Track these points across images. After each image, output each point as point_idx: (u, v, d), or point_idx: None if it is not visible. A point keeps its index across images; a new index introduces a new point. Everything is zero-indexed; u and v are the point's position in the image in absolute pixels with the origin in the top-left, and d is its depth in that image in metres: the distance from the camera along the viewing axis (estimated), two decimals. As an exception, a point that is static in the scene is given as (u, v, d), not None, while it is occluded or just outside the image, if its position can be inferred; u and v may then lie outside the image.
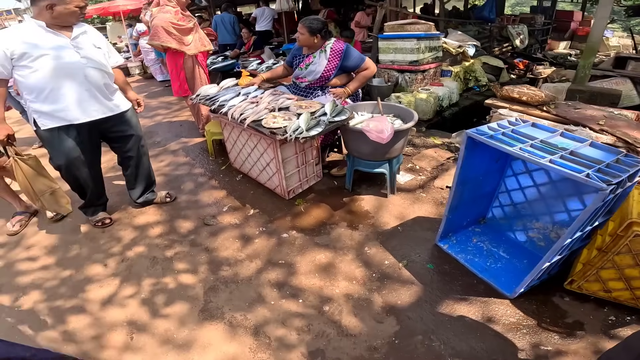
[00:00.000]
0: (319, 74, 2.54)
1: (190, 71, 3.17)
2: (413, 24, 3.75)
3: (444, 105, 3.88)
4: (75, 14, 1.85)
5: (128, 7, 8.29)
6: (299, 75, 2.65)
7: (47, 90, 1.85)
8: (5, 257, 2.18)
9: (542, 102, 2.74)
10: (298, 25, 2.53)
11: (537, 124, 1.62)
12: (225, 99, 2.49)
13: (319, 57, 2.55)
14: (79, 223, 2.43)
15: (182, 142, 3.61)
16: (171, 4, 3.03)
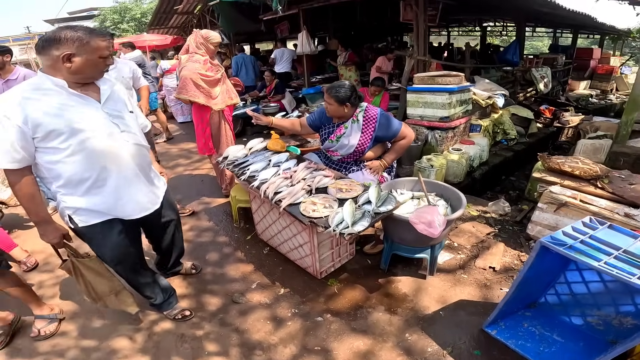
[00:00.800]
0: (353, 147, 2.39)
1: (216, 127, 3.11)
2: (444, 76, 3.67)
3: (474, 165, 3.75)
4: (100, 67, 1.42)
5: (154, 43, 8.84)
6: (329, 147, 2.51)
7: (89, 181, 1.44)
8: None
9: (595, 177, 2.56)
10: (324, 94, 2.42)
11: (614, 226, 1.53)
12: (256, 169, 2.37)
13: (351, 128, 2.40)
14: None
15: (205, 202, 3.50)
16: (200, 52, 2.99)
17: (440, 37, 14.47)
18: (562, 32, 11.72)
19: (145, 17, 30.26)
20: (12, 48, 12.27)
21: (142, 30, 28.74)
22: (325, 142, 2.52)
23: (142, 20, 30.21)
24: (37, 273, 2.57)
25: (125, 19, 31.24)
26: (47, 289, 2.40)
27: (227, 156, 2.60)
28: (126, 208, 1.55)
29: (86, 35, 1.34)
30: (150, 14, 28.79)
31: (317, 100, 5.65)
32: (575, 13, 6.53)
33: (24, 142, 1.30)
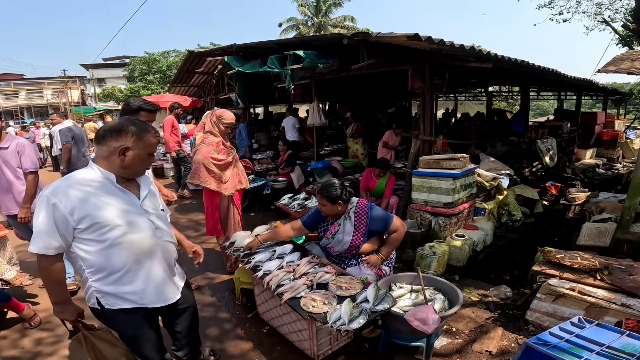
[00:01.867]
0: (347, 243, 2.58)
1: (225, 211, 3.30)
2: (449, 160, 3.79)
3: (477, 249, 3.79)
4: (146, 164, 1.53)
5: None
6: (326, 244, 2.70)
7: (121, 272, 1.50)
8: None
9: (595, 270, 2.66)
10: (317, 196, 2.63)
11: (602, 324, 1.63)
12: (260, 259, 2.55)
13: (344, 225, 2.59)
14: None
15: (209, 277, 3.62)
16: (215, 132, 3.21)
17: (448, 102, 15.11)
18: (566, 95, 12.13)
19: (170, 70, 32.61)
20: (45, 90, 13.19)
21: (166, 83, 30.83)
22: (323, 239, 2.70)
23: (167, 73, 32.50)
24: (38, 330, 2.73)
25: (152, 70, 33.59)
26: (45, 347, 2.52)
27: (234, 242, 2.76)
28: (152, 298, 1.61)
29: (142, 130, 1.46)
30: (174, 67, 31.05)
31: (325, 175, 5.69)
32: (576, 79, 6.91)
33: (65, 231, 1.37)
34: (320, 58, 4.09)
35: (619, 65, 3.59)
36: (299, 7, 27.88)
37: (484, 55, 3.85)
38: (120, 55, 40.55)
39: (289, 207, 4.49)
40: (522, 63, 4.53)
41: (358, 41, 3.59)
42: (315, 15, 27.81)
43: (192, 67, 8.80)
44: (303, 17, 28.27)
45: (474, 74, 6.85)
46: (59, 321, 1.65)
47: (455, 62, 4.03)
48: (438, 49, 3.50)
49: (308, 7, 27.91)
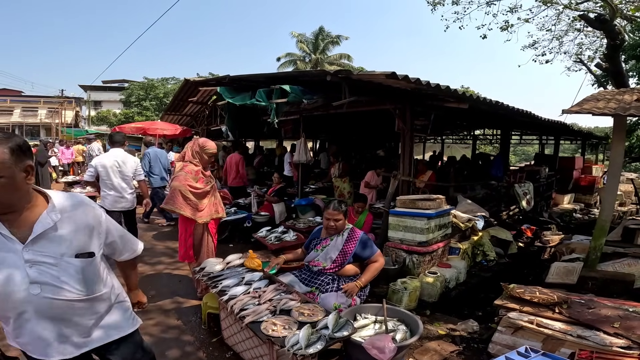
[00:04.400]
0: (333, 259, 2.79)
1: (199, 239, 3.36)
2: (425, 200, 3.95)
3: (450, 286, 3.89)
4: (20, 192, 1.22)
5: (165, 132, 9.49)
6: (314, 257, 2.89)
7: (10, 324, 1.36)
8: None
9: (554, 304, 2.79)
10: (327, 211, 2.89)
11: (548, 353, 1.74)
12: (228, 284, 2.63)
13: (336, 241, 2.86)
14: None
15: (178, 301, 3.62)
16: (195, 161, 3.32)
17: (436, 144, 15.65)
18: (547, 139, 12.46)
19: (166, 98, 33.23)
20: (40, 109, 13.55)
21: (162, 110, 31.34)
22: (311, 252, 2.89)
23: (164, 101, 33.11)
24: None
25: (149, 96, 34.17)
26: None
27: (204, 267, 2.82)
28: (42, 352, 1.37)
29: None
30: (172, 95, 31.60)
31: (307, 213, 5.78)
32: (553, 122, 7.24)
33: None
34: (305, 94, 4.26)
35: (582, 106, 3.84)
36: (297, 43, 29.10)
37: (460, 95, 4.04)
38: (120, 79, 41.23)
39: (266, 239, 4.56)
40: (498, 104, 4.72)
41: (341, 78, 3.74)
42: (312, 52, 28.93)
43: (186, 95, 8.99)
44: (301, 53, 29.31)
45: (458, 117, 7.16)
46: None
47: (434, 102, 4.24)
48: (417, 88, 3.70)
49: (306, 43, 29.11)
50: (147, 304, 1.96)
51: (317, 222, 5.15)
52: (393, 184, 4.58)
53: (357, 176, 7.16)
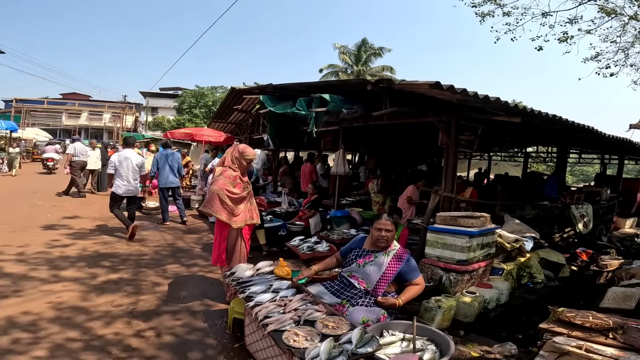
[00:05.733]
0: (377, 277, 2.71)
1: (232, 243, 3.43)
2: (467, 218, 3.78)
3: (489, 307, 3.64)
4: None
5: (210, 138, 9.92)
6: (353, 271, 2.81)
7: None
8: None
9: (609, 329, 2.49)
10: (378, 222, 2.82)
11: None
12: (255, 291, 2.64)
13: (379, 259, 2.75)
14: None
15: (207, 304, 3.69)
16: (234, 167, 3.42)
17: (483, 162, 14.84)
18: (610, 159, 11.48)
19: (214, 106, 35.13)
20: (105, 114, 15.12)
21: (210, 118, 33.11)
22: (351, 264, 2.82)
23: (212, 109, 35.02)
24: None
25: (199, 104, 36.23)
26: None
27: (235, 272, 2.89)
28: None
29: None
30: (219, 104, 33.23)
31: (342, 225, 5.74)
32: (617, 139, 6.53)
33: None
34: (345, 103, 4.24)
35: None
36: (340, 54, 29.35)
37: (512, 108, 3.76)
38: (174, 87, 44.13)
39: (298, 249, 4.56)
40: (555, 118, 4.34)
41: (382, 88, 3.67)
42: (355, 64, 29.02)
43: (232, 103, 9.40)
44: (343, 65, 29.54)
45: (509, 132, 6.73)
46: None
47: (482, 116, 4.01)
48: (463, 99, 3.51)
49: (349, 55, 29.27)
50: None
51: (351, 235, 5.09)
52: (433, 200, 4.42)
53: (395, 191, 7.02)
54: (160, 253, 5.25)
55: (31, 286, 3.70)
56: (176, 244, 5.84)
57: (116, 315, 3.24)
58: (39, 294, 3.53)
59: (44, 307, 3.26)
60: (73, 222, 6.73)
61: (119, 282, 4.01)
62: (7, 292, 3.52)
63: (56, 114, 37.40)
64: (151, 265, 4.67)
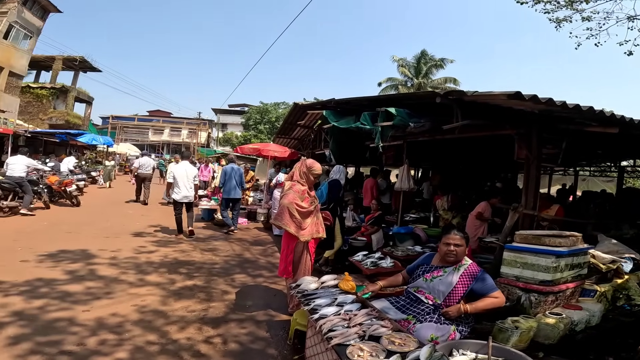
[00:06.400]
0: (446, 292, 2.60)
1: (298, 256, 3.53)
2: (555, 237, 3.46)
3: (577, 329, 3.25)
4: None
5: (275, 154, 10.33)
6: (420, 286, 2.73)
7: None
8: None
9: None
10: (446, 236, 2.73)
11: None
12: (320, 303, 2.65)
13: (449, 275, 2.64)
14: None
15: (270, 314, 3.82)
16: (302, 181, 3.53)
17: (567, 177, 13.29)
18: None
19: (278, 122, 36.87)
20: (183, 130, 17.19)
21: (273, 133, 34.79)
22: (418, 279, 2.76)
23: (275, 125, 36.81)
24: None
25: (264, 120, 38.29)
26: None
27: (300, 284, 2.96)
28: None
29: None
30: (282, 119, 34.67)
31: (405, 242, 5.59)
32: None
33: None
34: (411, 117, 4.13)
35: None
36: (399, 67, 28.76)
37: (608, 117, 3.33)
38: (241, 103, 47.16)
39: (361, 264, 4.51)
40: None
41: (452, 100, 3.49)
42: (415, 76, 28.24)
43: (295, 119, 9.74)
44: (403, 78, 28.88)
45: (601, 144, 5.99)
46: None
47: (570, 127, 3.64)
48: (547, 110, 3.23)
49: (408, 67, 28.58)
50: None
51: (416, 252, 4.93)
52: (512, 218, 4.13)
53: (465, 208, 6.69)
54: (229, 263, 5.58)
55: (120, 289, 4.13)
56: (244, 254, 6.17)
57: (189, 321, 3.48)
58: (127, 297, 3.92)
59: (129, 310, 3.60)
60: (156, 230, 7.49)
61: (193, 289, 4.32)
62: (99, 293, 3.96)
63: (144, 130, 42.18)
64: (221, 274, 4.97)
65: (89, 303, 3.66)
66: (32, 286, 3.93)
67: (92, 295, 3.86)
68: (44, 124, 22.51)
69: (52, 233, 6.55)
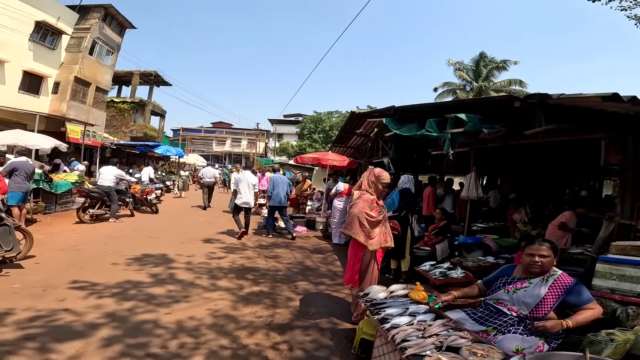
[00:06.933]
0: (531, 307, 2.45)
1: (366, 265, 3.55)
2: None
3: None
4: None
5: (335, 163, 10.41)
6: (500, 298, 2.60)
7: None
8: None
9: None
10: (530, 247, 2.59)
11: None
12: (391, 313, 2.60)
13: (536, 286, 2.50)
14: None
15: (333, 322, 3.83)
16: (370, 191, 3.54)
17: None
18: None
19: (331, 131, 37.13)
20: (243, 140, 18.58)
21: (327, 143, 35.19)
22: (498, 291, 2.63)
23: (329, 133, 37.11)
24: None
25: (318, 129, 38.86)
26: None
27: (368, 293, 2.93)
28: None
29: None
30: (336, 128, 34.97)
31: (473, 252, 5.32)
32: None
33: None
34: (484, 122, 3.95)
35: None
36: (455, 71, 27.39)
37: None
38: (295, 113, 48.42)
39: (429, 274, 4.37)
40: None
41: (533, 104, 3.31)
42: (474, 80, 26.76)
43: (352, 127, 9.75)
44: (460, 82, 27.51)
45: None
46: None
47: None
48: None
49: (466, 71, 27.12)
50: None
51: (488, 262, 4.69)
52: (607, 228, 3.81)
53: (545, 218, 6.19)
54: (291, 270, 5.73)
55: (196, 293, 4.41)
56: (305, 262, 6.29)
57: (257, 326, 3.60)
58: (202, 301, 4.17)
59: (204, 314, 3.78)
60: (224, 237, 7.96)
61: (259, 295, 4.50)
62: (178, 296, 4.22)
63: (208, 141, 45.26)
64: (285, 281, 5.12)
65: (170, 306, 3.92)
66: (122, 288, 4.34)
67: (172, 299, 4.13)
68: (126, 137, 24.68)
69: (137, 238, 7.26)
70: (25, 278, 4.38)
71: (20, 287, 4.08)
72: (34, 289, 4.06)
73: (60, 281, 4.36)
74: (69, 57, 18.59)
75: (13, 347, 2.85)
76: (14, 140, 9.82)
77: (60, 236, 6.87)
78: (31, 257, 5.14)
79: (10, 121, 14.16)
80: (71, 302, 3.78)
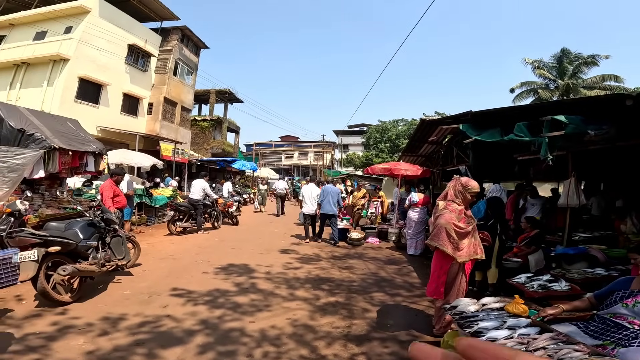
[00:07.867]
0: None
1: (452, 277, 3.42)
2: None
3: None
4: None
5: (407, 172, 10.16)
6: (618, 312, 2.42)
7: None
8: None
9: None
10: None
11: None
12: (486, 326, 2.47)
13: None
14: None
15: (413, 334, 3.73)
16: (457, 201, 3.42)
17: None
18: None
19: (398, 140, 36.11)
20: (310, 153, 19.58)
21: (394, 152, 34.31)
22: (614, 306, 2.47)
23: (396, 142, 36.13)
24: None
25: (384, 138, 38.17)
26: None
27: (456, 306, 2.82)
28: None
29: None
30: (402, 137, 33.88)
31: (575, 263, 4.74)
32: None
33: None
34: (588, 124, 3.56)
35: None
36: (534, 69, 24.75)
37: None
38: (360, 123, 48.27)
39: (525, 287, 4.01)
40: None
41: None
42: (559, 77, 24.01)
43: (422, 135, 9.39)
44: (542, 80, 24.89)
45: None
46: None
47: None
48: None
49: (547, 69, 24.43)
50: None
51: (599, 274, 4.21)
52: None
53: None
54: (366, 281, 5.70)
55: (276, 302, 4.60)
56: (379, 273, 6.23)
57: (335, 337, 3.61)
58: (281, 310, 4.33)
59: (284, 323, 3.89)
60: (299, 247, 8.27)
61: (335, 305, 4.54)
62: (260, 305, 4.40)
63: (278, 154, 47.43)
64: (360, 292, 5.11)
65: (253, 314, 4.10)
66: (213, 296, 4.66)
67: (255, 307, 4.33)
68: (207, 153, 26.63)
69: (222, 248, 7.86)
70: (134, 285, 4.98)
71: (130, 292, 4.65)
72: (141, 295, 4.58)
73: (162, 288, 4.88)
74: (158, 78, 20.20)
75: (126, 352, 3.11)
76: (121, 159, 11.52)
77: (159, 246, 7.75)
78: (138, 265, 5.88)
79: (115, 141, 15.95)
80: (172, 309, 4.17)
